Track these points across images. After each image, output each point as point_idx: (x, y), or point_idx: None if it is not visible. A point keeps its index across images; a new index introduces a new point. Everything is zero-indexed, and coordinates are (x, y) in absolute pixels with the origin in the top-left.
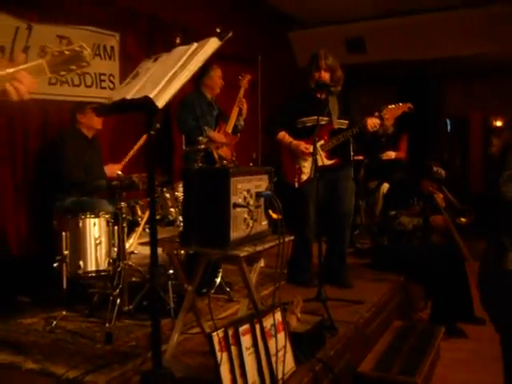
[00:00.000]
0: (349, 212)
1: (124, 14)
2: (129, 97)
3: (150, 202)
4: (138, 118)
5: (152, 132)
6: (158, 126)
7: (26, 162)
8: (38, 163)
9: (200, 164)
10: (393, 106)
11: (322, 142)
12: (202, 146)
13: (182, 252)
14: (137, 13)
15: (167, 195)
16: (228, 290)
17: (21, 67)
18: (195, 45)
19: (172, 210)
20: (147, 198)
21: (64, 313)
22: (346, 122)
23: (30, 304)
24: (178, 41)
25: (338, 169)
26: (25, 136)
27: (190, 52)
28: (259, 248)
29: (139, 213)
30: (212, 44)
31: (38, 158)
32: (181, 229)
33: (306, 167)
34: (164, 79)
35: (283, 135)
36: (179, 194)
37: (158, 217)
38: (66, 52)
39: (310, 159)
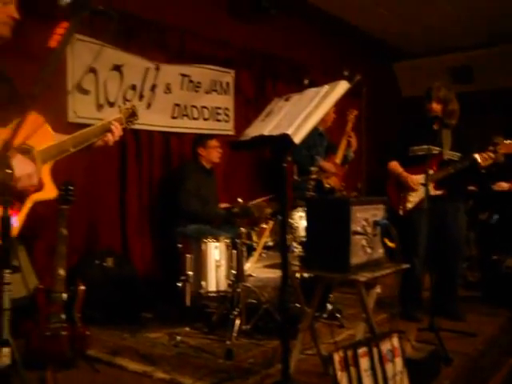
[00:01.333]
0: (458, 244)
1: (239, 53)
2: (266, 133)
3: (281, 229)
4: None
5: (285, 165)
6: (289, 158)
7: (151, 188)
8: (161, 191)
9: (311, 193)
10: (509, 141)
11: (430, 171)
12: (314, 176)
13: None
14: (251, 52)
15: None
16: (338, 315)
17: (113, 118)
18: (326, 87)
19: (287, 236)
20: (263, 225)
21: (187, 329)
22: (458, 154)
23: (152, 320)
24: (306, 82)
25: (446, 200)
26: (150, 164)
27: (321, 94)
28: (377, 274)
29: (255, 238)
30: (342, 86)
31: (161, 186)
32: (295, 254)
33: (412, 196)
34: (299, 118)
35: (394, 165)
36: (293, 221)
37: (271, 243)
38: (129, 109)
39: (418, 188)
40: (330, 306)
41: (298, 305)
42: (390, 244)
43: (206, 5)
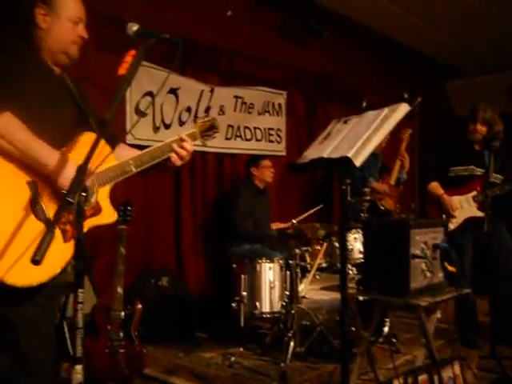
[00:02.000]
0: (508, 266)
1: (291, 74)
2: (325, 155)
3: (340, 251)
4: (300, 179)
5: (344, 187)
6: (348, 181)
7: (205, 208)
8: (215, 211)
9: (365, 214)
10: None
11: (474, 192)
12: (368, 197)
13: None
14: (302, 73)
15: (336, 244)
16: (394, 340)
17: (183, 134)
18: (386, 110)
19: None
20: (316, 246)
21: (241, 349)
22: (501, 177)
23: (206, 339)
24: (364, 104)
25: (491, 222)
26: (204, 184)
27: (381, 117)
28: (438, 299)
29: (308, 259)
30: (402, 109)
31: (214, 206)
32: (350, 276)
33: (453, 220)
34: (359, 141)
35: (435, 186)
36: (348, 243)
37: (325, 265)
38: (208, 122)
39: (456, 213)
40: (385, 330)
41: (353, 328)
42: (451, 268)
43: (258, 28)
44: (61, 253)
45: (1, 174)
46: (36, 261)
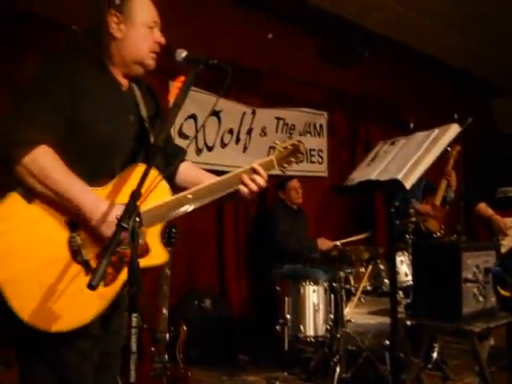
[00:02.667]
0: None
1: (332, 95)
2: (373, 177)
3: (390, 274)
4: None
5: (392, 210)
6: (396, 203)
7: (247, 229)
8: (256, 230)
9: (411, 237)
10: None
11: None
12: (413, 219)
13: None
14: (343, 93)
15: (382, 266)
16: (443, 366)
17: (256, 163)
18: (436, 131)
19: (386, 281)
20: (360, 269)
21: (285, 374)
22: None
23: (249, 363)
24: (411, 125)
25: None
26: (246, 207)
27: (432, 138)
28: (492, 324)
29: (352, 282)
30: (453, 130)
31: (256, 227)
32: (398, 300)
33: (506, 239)
34: (409, 162)
35: (484, 207)
36: None
37: (370, 287)
38: (289, 147)
39: (509, 233)
40: (434, 356)
41: (401, 354)
42: (504, 292)
43: (298, 50)
44: (97, 298)
45: (38, 214)
46: (91, 286)
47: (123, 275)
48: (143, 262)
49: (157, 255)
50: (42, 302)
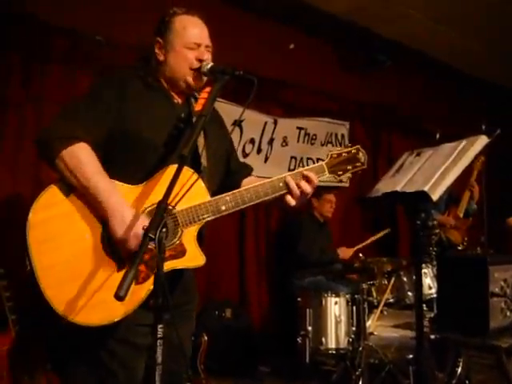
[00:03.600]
0: None
1: (353, 105)
2: (399, 189)
3: (415, 287)
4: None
5: (418, 222)
6: (423, 215)
7: (268, 239)
8: (280, 239)
9: (434, 249)
10: None
11: None
12: (436, 231)
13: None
14: (365, 103)
15: (404, 279)
16: (467, 382)
17: (305, 168)
18: (464, 142)
19: (409, 293)
20: (383, 281)
21: None
22: None
23: (269, 374)
24: (437, 136)
25: None
26: (267, 216)
27: (459, 149)
28: None
29: (375, 294)
30: (481, 142)
31: (277, 238)
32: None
33: None
34: (436, 174)
35: None
36: None
37: (392, 300)
38: (344, 154)
39: None
40: (459, 371)
41: (426, 369)
42: None
43: (320, 61)
44: (129, 296)
45: (74, 207)
46: (120, 297)
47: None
48: (178, 263)
49: (193, 257)
50: (73, 293)
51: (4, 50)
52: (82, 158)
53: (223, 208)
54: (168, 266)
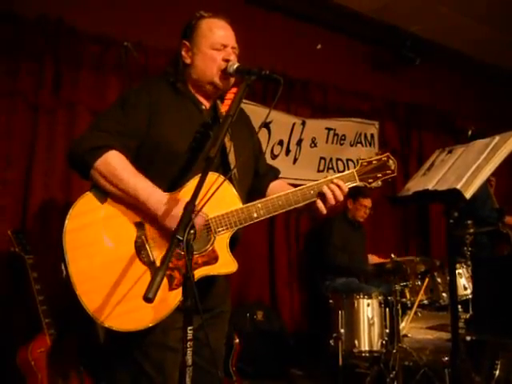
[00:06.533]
0: None
1: (382, 104)
2: (430, 187)
3: (450, 289)
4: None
5: (451, 221)
6: (456, 214)
7: (298, 241)
8: (308, 244)
9: (469, 249)
10: None
11: None
12: (471, 230)
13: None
14: (394, 102)
15: (438, 280)
16: None
17: (335, 176)
18: (497, 138)
19: (444, 294)
20: (416, 282)
21: None
22: None
23: (302, 377)
24: (470, 133)
25: None
26: (297, 219)
27: (492, 146)
28: None
29: (408, 296)
30: None
31: (307, 239)
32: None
33: None
34: (468, 172)
35: None
36: None
37: (426, 301)
38: (374, 162)
39: None
40: (497, 374)
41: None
42: None
43: (348, 60)
44: (162, 302)
45: (109, 213)
46: (148, 298)
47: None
48: (211, 270)
49: (225, 264)
50: (108, 298)
51: (36, 56)
52: (117, 164)
53: (255, 215)
54: (201, 272)
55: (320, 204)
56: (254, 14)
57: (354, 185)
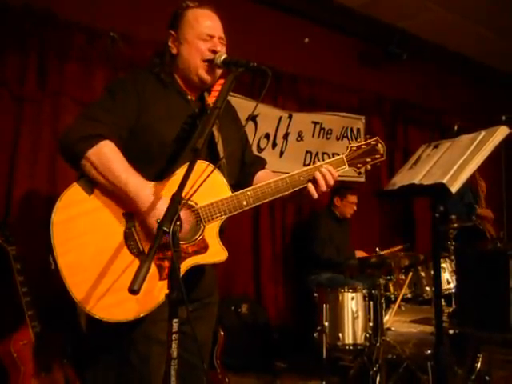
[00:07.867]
0: None
1: (369, 99)
2: (416, 182)
3: (434, 283)
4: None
5: (437, 215)
6: (441, 208)
7: (284, 235)
8: (293, 238)
9: (453, 243)
10: None
11: None
12: (455, 225)
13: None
14: (381, 97)
15: (422, 274)
16: (487, 378)
17: (325, 162)
18: (483, 133)
19: (427, 288)
20: (400, 276)
21: (323, 382)
22: None
23: (286, 369)
24: (455, 128)
25: None
26: (283, 211)
27: (478, 140)
28: None
29: (392, 290)
30: (501, 132)
31: (293, 234)
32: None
33: None
34: (454, 166)
35: None
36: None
37: (410, 295)
38: (363, 146)
39: None
40: (478, 367)
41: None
42: None
43: (335, 54)
44: (152, 292)
45: (97, 205)
46: (133, 290)
47: (184, 267)
48: (201, 259)
49: (215, 253)
50: (98, 290)
51: (20, 45)
52: (109, 155)
53: (244, 203)
54: (191, 261)
55: (311, 188)
56: (242, 7)
57: (345, 169)
